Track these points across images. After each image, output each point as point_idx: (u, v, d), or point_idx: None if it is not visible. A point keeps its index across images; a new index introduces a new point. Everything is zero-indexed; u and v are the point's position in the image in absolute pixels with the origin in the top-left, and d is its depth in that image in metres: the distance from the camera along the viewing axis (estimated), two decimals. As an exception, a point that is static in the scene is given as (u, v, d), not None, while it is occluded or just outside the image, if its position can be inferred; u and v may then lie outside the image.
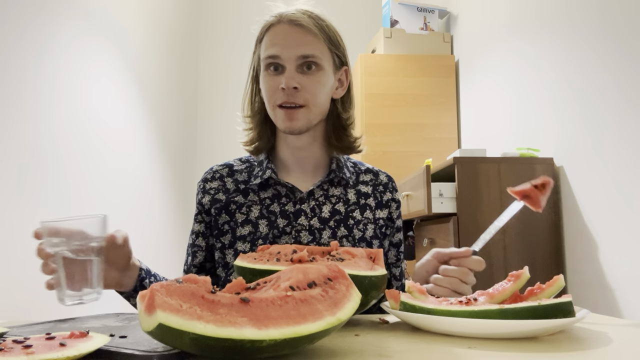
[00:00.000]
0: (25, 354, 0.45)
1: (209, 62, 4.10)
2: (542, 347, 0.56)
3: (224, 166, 1.10)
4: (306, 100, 0.97)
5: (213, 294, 0.48)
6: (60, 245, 0.71)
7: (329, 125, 1.07)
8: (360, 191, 1.08)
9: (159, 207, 3.13)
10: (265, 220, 1.01)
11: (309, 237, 1.00)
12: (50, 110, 1.92)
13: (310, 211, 1.02)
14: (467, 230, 1.88)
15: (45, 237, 0.72)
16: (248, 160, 1.11)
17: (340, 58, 1.05)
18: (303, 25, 0.97)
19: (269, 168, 1.03)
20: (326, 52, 1.00)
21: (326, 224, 1.02)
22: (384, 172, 1.14)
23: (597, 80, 1.72)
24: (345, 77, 1.07)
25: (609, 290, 1.64)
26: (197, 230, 1.07)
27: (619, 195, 1.60)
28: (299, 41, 0.96)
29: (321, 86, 0.98)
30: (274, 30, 0.99)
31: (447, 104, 2.98)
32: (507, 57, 2.39)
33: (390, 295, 0.72)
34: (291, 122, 0.97)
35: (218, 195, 1.05)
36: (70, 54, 2.07)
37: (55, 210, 1.91)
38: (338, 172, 1.05)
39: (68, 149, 2.04)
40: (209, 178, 1.08)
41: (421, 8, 3.11)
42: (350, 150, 1.08)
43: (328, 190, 1.05)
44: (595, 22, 1.73)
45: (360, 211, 1.05)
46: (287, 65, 0.96)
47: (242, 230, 1.01)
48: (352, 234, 1.03)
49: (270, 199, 1.03)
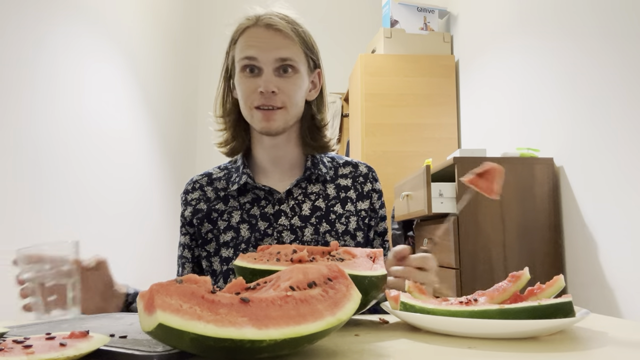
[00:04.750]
0: (25, 354, 0.45)
1: (209, 62, 4.10)
2: (542, 347, 0.56)
3: (203, 175, 1.12)
4: (284, 103, 0.99)
5: (213, 294, 0.48)
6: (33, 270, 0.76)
7: (303, 126, 1.09)
8: (340, 185, 1.09)
9: (159, 207, 3.13)
10: (247, 224, 1.02)
11: (291, 236, 1.02)
12: (49, 110, 1.92)
13: (290, 210, 1.03)
14: (467, 230, 1.88)
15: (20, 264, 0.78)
16: (226, 167, 1.13)
17: (314, 61, 1.06)
18: (280, 29, 0.98)
19: (245, 173, 1.05)
20: (302, 55, 1.02)
21: (307, 222, 1.03)
22: (363, 162, 1.15)
23: (597, 80, 1.72)
24: (319, 79, 1.09)
25: (609, 290, 1.64)
26: (183, 242, 1.09)
27: (618, 195, 1.60)
28: (276, 44, 0.98)
29: (298, 89, 1.00)
30: (250, 32, 1.00)
31: (447, 104, 2.98)
32: (507, 57, 2.39)
33: (390, 295, 0.72)
34: (269, 122, 0.99)
35: (199, 205, 1.07)
36: (69, 54, 2.07)
37: (55, 210, 1.91)
38: (314, 169, 1.06)
39: (67, 149, 2.04)
40: (190, 189, 1.10)
41: (421, 8, 3.11)
42: (324, 149, 1.11)
43: (306, 188, 1.06)
44: (596, 22, 1.73)
45: (341, 205, 1.06)
46: (265, 68, 0.98)
47: (225, 237, 1.03)
48: (335, 228, 1.04)
49: (250, 203, 1.04)
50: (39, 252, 0.77)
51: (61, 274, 0.77)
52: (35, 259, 0.77)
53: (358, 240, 1.06)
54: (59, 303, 0.77)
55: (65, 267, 0.77)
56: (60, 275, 0.77)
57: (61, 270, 0.77)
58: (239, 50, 1.01)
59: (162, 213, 3.17)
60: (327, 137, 1.11)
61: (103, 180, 2.35)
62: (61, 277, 0.77)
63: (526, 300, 0.70)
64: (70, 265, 0.78)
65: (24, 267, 0.77)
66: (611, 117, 1.64)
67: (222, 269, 1.02)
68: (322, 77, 1.10)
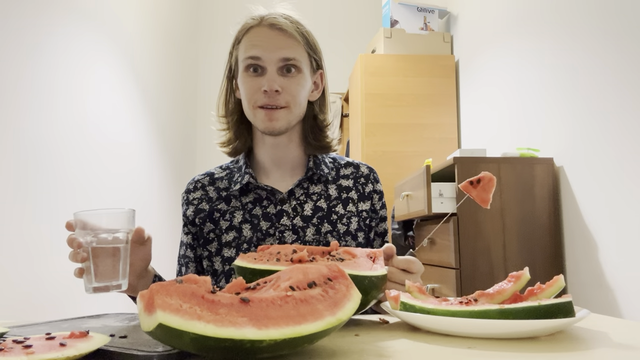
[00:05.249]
0: (25, 354, 0.45)
1: (209, 62, 4.10)
2: (542, 347, 0.56)
3: (205, 175, 1.12)
4: (287, 102, 0.99)
5: (213, 294, 0.48)
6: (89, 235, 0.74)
7: (306, 126, 1.09)
8: (342, 185, 1.09)
9: (159, 208, 3.13)
10: (249, 224, 1.03)
11: (292, 236, 1.02)
12: (49, 111, 1.92)
13: (292, 211, 1.04)
14: (467, 230, 1.88)
15: (76, 228, 0.75)
16: (228, 167, 1.13)
17: (317, 62, 1.07)
18: (284, 29, 0.99)
19: (247, 173, 1.05)
20: (305, 55, 1.02)
21: (309, 222, 1.03)
22: (364, 164, 1.15)
23: (597, 80, 1.72)
24: (321, 80, 1.10)
25: (609, 290, 1.64)
26: (186, 242, 1.09)
27: (618, 195, 1.60)
28: (280, 44, 0.99)
29: (301, 88, 1.01)
30: (254, 32, 1.01)
31: (447, 104, 2.98)
32: (507, 57, 2.39)
33: (390, 295, 0.72)
34: (272, 122, 0.99)
35: (201, 205, 1.07)
36: (68, 54, 2.07)
37: (54, 210, 1.91)
38: (315, 169, 1.07)
39: (67, 149, 2.04)
40: (191, 189, 1.10)
41: (421, 8, 3.11)
42: (326, 149, 1.11)
43: (308, 188, 1.07)
44: (596, 22, 1.73)
45: (342, 205, 1.07)
46: (268, 68, 0.98)
47: (227, 237, 1.03)
48: (337, 229, 1.04)
49: (252, 203, 1.05)
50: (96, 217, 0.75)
51: (118, 241, 0.75)
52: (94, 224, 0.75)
53: (359, 241, 1.07)
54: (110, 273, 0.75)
55: (121, 235, 0.76)
56: (117, 242, 0.75)
57: (118, 238, 0.75)
58: (242, 50, 1.02)
59: (162, 213, 3.17)
60: (330, 137, 1.11)
61: (103, 181, 2.35)
62: (118, 244, 0.75)
63: (526, 300, 0.70)
64: (127, 233, 0.77)
65: (80, 231, 0.75)
66: (611, 117, 1.64)
67: (224, 268, 1.03)
68: (325, 78, 1.11)
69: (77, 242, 0.75)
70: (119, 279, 0.76)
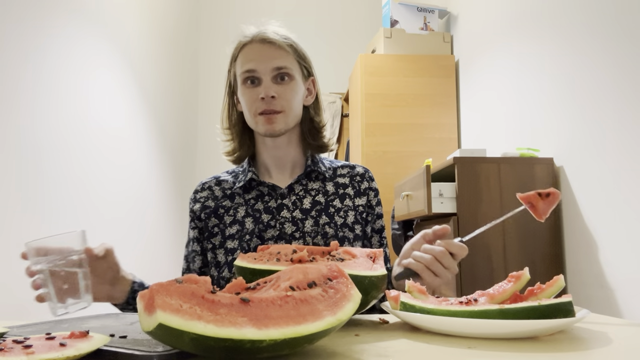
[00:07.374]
0: (25, 354, 0.45)
1: (209, 62, 4.10)
2: (542, 347, 0.56)
3: (212, 178, 1.22)
4: (283, 107, 1.08)
5: (213, 294, 0.48)
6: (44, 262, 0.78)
7: (304, 128, 1.18)
8: (338, 182, 1.18)
9: (159, 208, 3.13)
10: (251, 217, 1.11)
11: (292, 227, 1.09)
12: (50, 112, 1.92)
13: (292, 204, 1.12)
14: (467, 231, 1.88)
15: (30, 257, 0.79)
16: (234, 171, 1.22)
17: (308, 69, 1.16)
18: (274, 42, 1.09)
19: (250, 171, 1.14)
20: (295, 64, 1.12)
21: (308, 214, 1.11)
22: (359, 165, 1.24)
23: (597, 80, 1.72)
24: (313, 86, 1.19)
25: (609, 290, 1.64)
26: (193, 236, 1.16)
27: (619, 195, 1.60)
28: (272, 55, 1.09)
29: (294, 93, 1.10)
30: (248, 48, 1.11)
31: (447, 104, 2.98)
32: (507, 57, 2.39)
33: (390, 295, 0.72)
34: (271, 125, 1.08)
35: (208, 202, 1.16)
36: (68, 54, 2.07)
37: (54, 210, 1.91)
38: (314, 167, 1.15)
39: (68, 149, 2.04)
40: (199, 189, 1.20)
41: (421, 8, 3.11)
42: (324, 148, 1.20)
43: (307, 184, 1.15)
44: (596, 22, 1.73)
45: (339, 200, 1.15)
46: (264, 77, 1.08)
47: (231, 230, 1.11)
48: (334, 221, 1.11)
49: (255, 199, 1.13)
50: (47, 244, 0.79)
51: (71, 263, 0.79)
52: (44, 250, 0.78)
53: (356, 233, 1.13)
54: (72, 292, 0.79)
55: (74, 256, 0.80)
56: (70, 264, 0.79)
57: (71, 260, 0.79)
58: (239, 66, 1.11)
59: (162, 213, 3.17)
60: (326, 137, 1.20)
61: (103, 181, 2.35)
62: (71, 266, 0.79)
63: (526, 300, 0.70)
64: (79, 254, 0.81)
65: (33, 259, 0.78)
66: (611, 117, 1.64)
67: (227, 259, 1.09)
68: (317, 84, 1.20)
69: (30, 270, 0.80)
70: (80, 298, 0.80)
